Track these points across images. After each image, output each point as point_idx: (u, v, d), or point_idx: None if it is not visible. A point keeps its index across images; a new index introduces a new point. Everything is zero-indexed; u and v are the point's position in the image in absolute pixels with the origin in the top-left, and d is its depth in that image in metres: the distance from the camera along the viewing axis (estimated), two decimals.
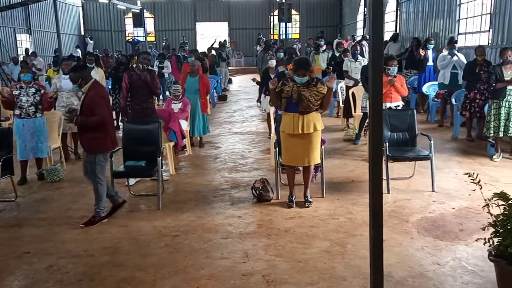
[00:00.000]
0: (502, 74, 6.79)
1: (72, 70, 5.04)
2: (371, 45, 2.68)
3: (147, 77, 6.40)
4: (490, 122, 6.97)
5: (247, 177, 6.54)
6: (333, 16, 27.57)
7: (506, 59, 6.81)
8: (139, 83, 6.41)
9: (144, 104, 6.46)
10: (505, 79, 6.75)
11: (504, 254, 3.03)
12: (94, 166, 5.00)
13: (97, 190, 5.05)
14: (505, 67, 6.83)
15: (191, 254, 4.28)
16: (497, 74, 6.85)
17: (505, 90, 6.78)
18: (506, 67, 6.82)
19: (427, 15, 13.45)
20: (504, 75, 6.78)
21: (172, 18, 27.84)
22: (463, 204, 5.26)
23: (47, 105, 6.60)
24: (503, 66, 6.86)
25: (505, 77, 6.77)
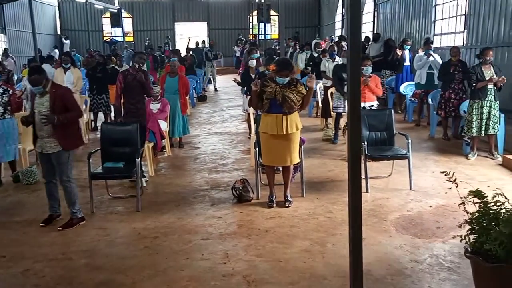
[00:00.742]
0: (482, 74, 6.92)
1: (36, 72, 4.81)
2: (349, 46, 2.71)
3: (141, 77, 6.32)
4: (472, 121, 7.05)
5: (227, 178, 6.52)
6: (311, 17, 27.74)
7: (488, 59, 6.91)
8: (134, 84, 6.31)
9: (138, 105, 6.35)
10: (486, 79, 6.89)
11: (480, 250, 3.08)
12: (66, 166, 4.92)
13: (71, 191, 4.98)
14: (484, 67, 6.95)
15: (171, 255, 4.25)
16: (478, 74, 6.95)
17: (487, 90, 6.91)
18: (486, 67, 6.95)
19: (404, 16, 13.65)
20: (485, 75, 6.91)
21: (151, 18, 27.62)
22: (440, 202, 5.35)
23: (16, 106, 6.47)
24: (482, 66, 6.97)
25: (486, 76, 6.90)
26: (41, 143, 4.90)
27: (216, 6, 27.83)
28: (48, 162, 4.97)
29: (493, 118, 6.94)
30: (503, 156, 6.89)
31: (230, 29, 27.73)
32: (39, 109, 4.81)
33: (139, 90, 6.35)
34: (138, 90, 6.35)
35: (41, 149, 4.92)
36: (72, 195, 4.98)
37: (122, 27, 23.63)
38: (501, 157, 6.92)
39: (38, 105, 4.84)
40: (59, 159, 4.89)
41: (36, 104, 4.85)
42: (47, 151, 4.88)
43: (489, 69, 6.93)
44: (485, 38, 8.98)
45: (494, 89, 6.90)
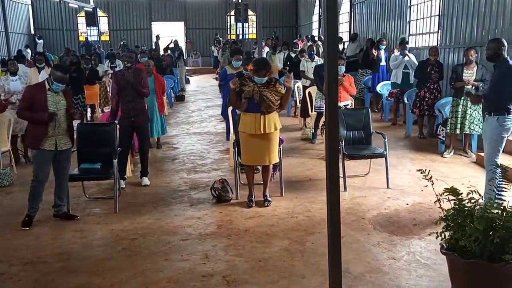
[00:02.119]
0: (461, 74, 7.04)
1: (64, 71, 5.01)
2: (326, 45, 2.72)
3: (129, 77, 6.22)
4: (450, 118, 7.22)
5: (206, 178, 6.50)
6: (289, 17, 27.84)
7: (470, 59, 7.04)
8: (123, 84, 6.21)
9: (130, 104, 6.19)
10: (463, 79, 7.01)
11: (455, 247, 3.14)
12: (69, 162, 5.16)
13: (67, 187, 5.19)
14: (467, 66, 7.06)
15: (150, 257, 4.21)
16: (458, 73, 7.09)
17: (463, 89, 7.05)
18: (469, 66, 7.05)
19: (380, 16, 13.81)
20: (464, 75, 7.03)
21: (127, 17, 27.28)
22: (416, 199, 5.44)
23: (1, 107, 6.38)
24: (465, 66, 7.09)
25: (464, 76, 7.01)
26: (55, 141, 4.94)
27: (193, 6, 27.67)
28: (49, 161, 4.99)
29: (469, 118, 7.05)
30: (476, 154, 7.04)
31: (207, 28, 27.61)
32: (57, 107, 4.92)
33: (130, 89, 6.22)
34: (128, 90, 6.22)
35: (54, 146, 4.94)
36: (67, 190, 5.22)
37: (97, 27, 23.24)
38: (475, 155, 7.07)
39: (55, 103, 4.91)
40: (68, 155, 5.13)
41: (52, 103, 4.89)
42: (62, 148, 4.99)
43: (472, 69, 7.04)
44: (458, 38, 9.15)
45: (471, 89, 7.02)
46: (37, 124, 4.91)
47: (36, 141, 4.91)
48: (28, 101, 4.91)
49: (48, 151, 4.93)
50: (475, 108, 7.02)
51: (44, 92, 4.88)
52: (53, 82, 4.85)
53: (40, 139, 4.88)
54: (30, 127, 5.13)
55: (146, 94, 6.37)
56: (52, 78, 4.86)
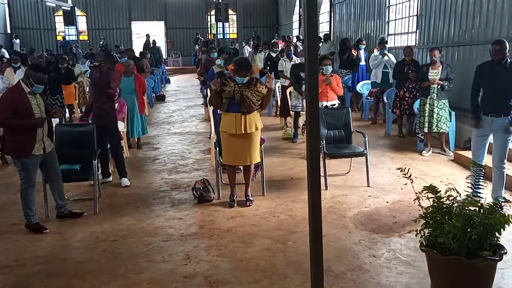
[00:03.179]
0: (427, 73, 7.17)
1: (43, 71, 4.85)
2: (306, 45, 2.73)
3: (96, 76, 6.13)
4: (419, 118, 7.38)
5: (188, 178, 6.47)
6: (269, 17, 27.87)
7: (435, 59, 7.16)
8: (93, 83, 6.12)
9: (96, 104, 6.11)
10: (429, 78, 7.13)
11: (434, 244, 3.19)
12: (56, 158, 5.08)
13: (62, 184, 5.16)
14: (433, 66, 7.20)
15: (131, 258, 4.17)
16: (423, 72, 7.23)
17: (429, 89, 7.17)
18: (434, 66, 7.19)
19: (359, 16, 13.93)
20: (429, 74, 7.16)
21: (106, 16, 26.94)
22: (396, 197, 5.50)
23: None
24: (431, 66, 7.22)
25: (430, 76, 7.14)
26: (44, 144, 4.82)
27: (173, 5, 27.49)
28: (38, 164, 4.85)
29: (436, 117, 7.15)
30: (454, 152, 7.15)
31: (188, 28, 27.46)
32: (41, 109, 4.78)
33: (99, 89, 6.15)
34: (98, 89, 6.15)
35: (43, 150, 4.81)
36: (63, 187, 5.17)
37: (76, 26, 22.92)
38: (452, 153, 7.18)
39: (37, 106, 4.74)
40: (54, 155, 5.04)
41: (35, 106, 4.71)
42: (48, 149, 4.91)
43: (437, 69, 7.17)
44: (436, 38, 9.28)
45: (437, 89, 7.13)
46: (24, 132, 4.67)
47: (27, 149, 4.67)
48: (11, 107, 4.58)
49: (38, 156, 4.78)
50: (442, 107, 7.15)
51: (25, 96, 4.62)
52: (33, 84, 4.62)
53: (31, 146, 4.67)
54: (14, 136, 4.69)
55: (111, 95, 6.22)
56: (32, 80, 4.62)
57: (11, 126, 4.68)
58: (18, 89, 4.70)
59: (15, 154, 4.80)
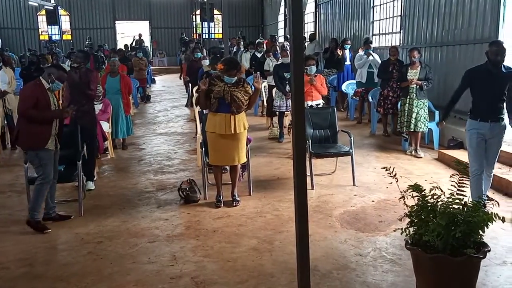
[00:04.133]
0: (406, 74, 7.26)
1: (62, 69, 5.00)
2: (292, 45, 2.74)
3: (75, 77, 6.04)
4: (400, 117, 7.47)
5: (174, 179, 6.43)
6: (255, 16, 27.88)
7: (413, 59, 7.24)
8: (71, 84, 6.03)
9: (77, 105, 6.03)
10: (408, 78, 7.21)
11: (419, 242, 3.22)
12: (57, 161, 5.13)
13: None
14: (412, 66, 7.28)
15: (116, 260, 4.13)
16: (403, 73, 7.32)
17: (408, 89, 7.25)
18: (413, 66, 7.27)
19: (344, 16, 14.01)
20: (408, 75, 7.24)
21: (90, 16, 26.67)
22: (381, 196, 5.55)
23: None
24: (410, 66, 7.31)
25: (409, 76, 7.23)
26: (55, 140, 4.91)
27: (158, 5, 27.33)
28: (52, 159, 4.91)
29: (415, 116, 7.21)
30: (438, 151, 7.23)
31: (173, 28, 27.33)
32: (56, 106, 4.91)
33: (77, 90, 6.06)
34: (76, 91, 6.06)
35: (54, 146, 4.90)
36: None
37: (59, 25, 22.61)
38: (423, 154, 7.23)
39: (53, 103, 4.87)
40: (58, 155, 5.03)
41: (52, 102, 4.85)
42: (58, 147, 4.98)
43: (416, 69, 7.24)
44: (419, 38, 9.38)
45: (416, 88, 7.20)
46: (42, 123, 4.79)
47: (42, 141, 4.77)
48: (33, 100, 4.74)
49: (51, 150, 4.86)
50: (421, 107, 7.23)
51: (45, 91, 4.81)
52: (54, 80, 4.80)
53: (46, 138, 4.79)
54: (31, 128, 4.77)
55: (91, 96, 6.17)
56: (54, 77, 4.80)
57: (31, 116, 4.78)
58: (40, 85, 4.85)
59: (30, 146, 4.83)
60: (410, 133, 7.38)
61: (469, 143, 4.82)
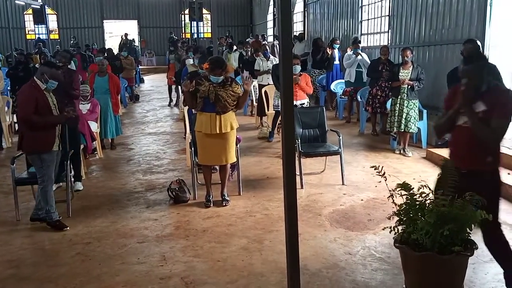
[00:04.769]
0: (398, 73, 7.27)
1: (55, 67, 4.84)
2: (281, 45, 2.74)
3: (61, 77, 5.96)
4: (390, 117, 7.47)
5: (163, 179, 6.41)
6: (244, 16, 27.86)
7: (406, 59, 7.28)
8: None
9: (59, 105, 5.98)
10: (400, 78, 7.23)
11: (408, 240, 3.24)
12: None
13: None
14: (404, 66, 7.31)
15: (105, 261, 4.11)
16: (394, 73, 7.33)
17: (400, 89, 7.28)
18: (405, 66, 7.30)
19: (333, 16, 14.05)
20: (400, 75, 7.26)
21: (77, 15, 26.44)
22: (370, 195, 5.58)
23: None
24: (402, 66, 7.33)
25: (401, 76, 7.24)
26: (59, 140, 4.82)
27: (146, 4, 27.18)
28: (55, 160, 4.83)
29: (406, 116, 7.24)
30: (426, 150, 7.29)
31: (162, 27, 27.20)
32: (56, 106, 4.76)
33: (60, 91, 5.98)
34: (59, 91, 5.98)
35: (58, 146, 4.81)
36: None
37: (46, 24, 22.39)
38: (411, 153, 7.29)
39: (53, 103, 4.74)
40: (59, 156, 4.97)
41: (51, 102, 4.72)
42: (60, 148, 4.88)
43: (408, 69, 7.27)
44: (407, 38, 9.44)
45: (407, 89, 7.24)
46: (46, 128, 4.68)
47: (48, 145, 4.69)
48: (32, 103, 4.58)
49: (55, 152, 4.79)
50: (412, 107, 7.27)
51: (41, 92, 4.65)
52: (47, 80, 4.65)
53: (52, 142, 4.71)
54: (35, 132, 4.65)
55: (74, 96, 6.10)
56: (47, 76, 4.64)
57: (34, 122, 4.63)
58: (35, 86, 4.68)
59: (36, 150, 4.70)
60: (400, 133, 7.43)
61: None
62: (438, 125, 3.52)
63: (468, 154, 3.27)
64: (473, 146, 3.23)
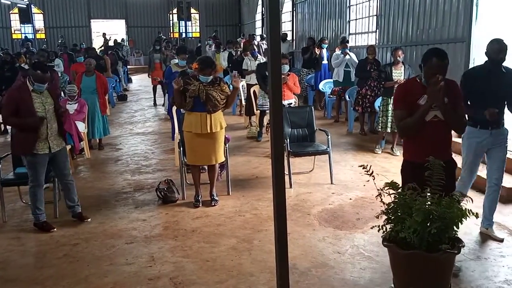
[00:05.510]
0: (391, 73, 7.30)
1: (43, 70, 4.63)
2: (269, 44, 2.74)
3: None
4: (380, 117, 7.49)
5: (151, 179, 6.38)
6: (232, 15, 27.85)
7: (397, 59, 7.29)
8: None
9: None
10: (393, 78, 7.25)
11: (396, 239, 3.26)
12: (67, 159, 5.03)
13: (74, 186, 5.01)
14: (395, 66, 7.32)
15: (93, 262, 4.08)
16: (387, 73, 7.34)
17: (393, 89, 7.28)
18: (397, 66, 7.31)
19: (321, 16, 14.10)
20: (393, 75, 7.28)
21: (64, 14, 26.23)
22: (359, 194, 5.60)
23: None
24: (393, 66, 7.33)
25: (394, 76, 7.25)
26: (49, 143, 4.67)
27: (134, 3, 27.04)
28: (46, 164, 4.74)
29: None
30: None
31: (150, 27, 27.09)
32: (45, 108, 4.61)
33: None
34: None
35: (48, 149, 4.67)
36: (75, 191, 5.03)
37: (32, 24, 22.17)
38: (399, 152, 7.32)
39: (42, 104, 4.59)
40: (64, 155, 4.91)
41: (39, 104, 4.57)
42: (55, 149, 4.75)
43: (400, 69, 7.31)
44: (395, 38, 9.50)
45: None
46: (26, 130, 4.58)
47: (27, 147, 4.59)
48: (12, 106, 4.54)
49: (42, 155, 4.67)
50: None
51: (27, 93, 4.55)
52: (33, 82, 4.55)
53: (31, 144, 4.58)
54: (19, 133, 4.68)
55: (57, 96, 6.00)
56: (32, 79, 4.55)
57: (11, 123, 4.74)
58: (22, 87, 4.65)
59: (16, 152, 4.74)
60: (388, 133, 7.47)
61: (466, 153, 4.39)
62: (408, 125, 3.55)
63: (444, 146, 3.59)
64: (448, 138, 3.62)
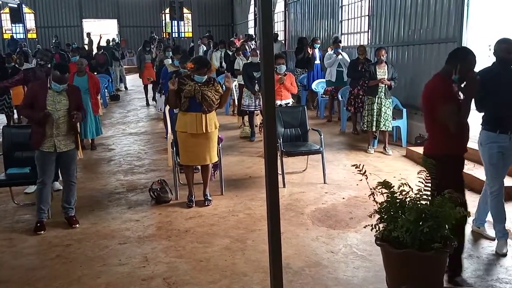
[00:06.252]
0: (375, 72, 7.34)
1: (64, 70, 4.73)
2: (262, 44, 2.74)
3: (41, 75, 5.89)
4: (365, 116, 7.53)
5: (144, 179, 6.36)
6: (225, 15, 27.79)
7: (380, 58, 7.37)
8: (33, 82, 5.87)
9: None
10: (377, 77, 7.31)
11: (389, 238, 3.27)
12: (75, 165, 5.13)
13: (75, 190, 5.06)
14: (379, 65, 7.39)
15: (86, 263, 4.06)
16: (371, 72, 7.40)
17: (378, 87, 7.35)
18: (380, 65, 7.38)
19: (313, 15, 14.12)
20: (377, 73, 7.34)
21: (55, 14, 26.03)
22: (352, 193, 5.62)
23: None
24: (377, 65, 7.41)
25: (378, 75, 7.32)
26: (55, 142, 4.73)
27: (126, 3, 26.90)
28: (52, 162, 4.78)
29: (383, 115, 7.35)
30: (406, 148, 7.39)
31: (142, 26, 26.94)
32: (56, 107, 4.68)
33: None
34: None
35: (53, 148, 4.71)
36: (74, 194, 5.05)
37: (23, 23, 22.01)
38: (391, 151, 7.38)
39: (54, 103, 4.67)
40: (72, 157, 4.96)
41: (51, 102, 4.67)
42: (62, 149, 4.78)
43: (383, 68, 7.36)
44: (387, 38, 9.54)
45: (385, 88, 7.33)
46: (36, 124, 4.74)
47: (36, 142, 4.71)
48: (29, 98, 4.78)
49: (47, 153, 4.72)
50: (388, 106, 7.37)
51: (44, 90, 4.70)
52: (51, 81, 4.69)
53: (39, 139, 4.69)
54: (32, 127, 4.90)
55: None
56: (51, 78, 4.69)
57: (23, 114, 5.06)
58: (42, 84, 4.84)
59: (30, 145, 4.83)
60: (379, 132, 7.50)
61: (489, 160, 4.13)
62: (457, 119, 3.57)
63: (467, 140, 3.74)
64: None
